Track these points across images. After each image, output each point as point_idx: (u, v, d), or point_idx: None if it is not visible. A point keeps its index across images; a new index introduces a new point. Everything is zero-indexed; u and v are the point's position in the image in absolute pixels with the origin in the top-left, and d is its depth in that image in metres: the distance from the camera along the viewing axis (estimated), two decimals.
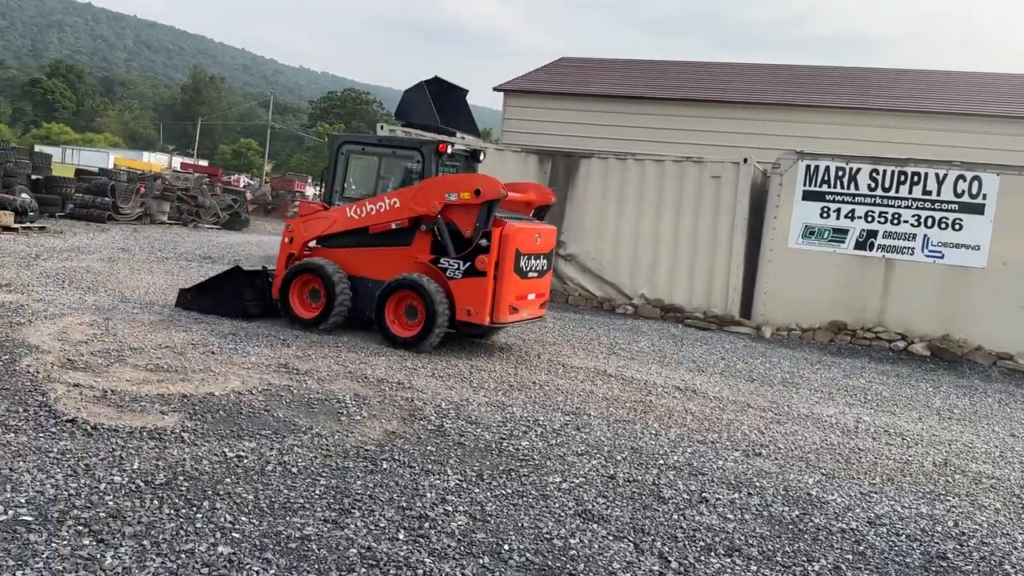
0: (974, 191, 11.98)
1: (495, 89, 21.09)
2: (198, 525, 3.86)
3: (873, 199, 12.51)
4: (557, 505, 4.69)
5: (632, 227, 14.19)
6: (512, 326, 9.63)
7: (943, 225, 12.13)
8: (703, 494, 5.15)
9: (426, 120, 13.76)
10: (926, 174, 12.27)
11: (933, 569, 4.41)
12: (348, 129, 77.55)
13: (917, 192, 12.29)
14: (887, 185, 12.41)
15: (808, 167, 12.99)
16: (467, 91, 14.91)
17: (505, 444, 5.73)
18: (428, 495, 4.61)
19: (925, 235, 12.23)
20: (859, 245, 12.62)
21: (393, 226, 8.80)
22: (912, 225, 12.31)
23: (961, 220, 12.04)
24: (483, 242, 8.43)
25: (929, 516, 5.25)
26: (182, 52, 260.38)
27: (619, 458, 5.71)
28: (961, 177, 12.08)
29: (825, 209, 12.85)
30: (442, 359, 8.47)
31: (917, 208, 12.31)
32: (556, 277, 14.66)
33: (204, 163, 64.35)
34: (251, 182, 54.07)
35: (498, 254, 8.42)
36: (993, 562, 4.59)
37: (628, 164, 14.29)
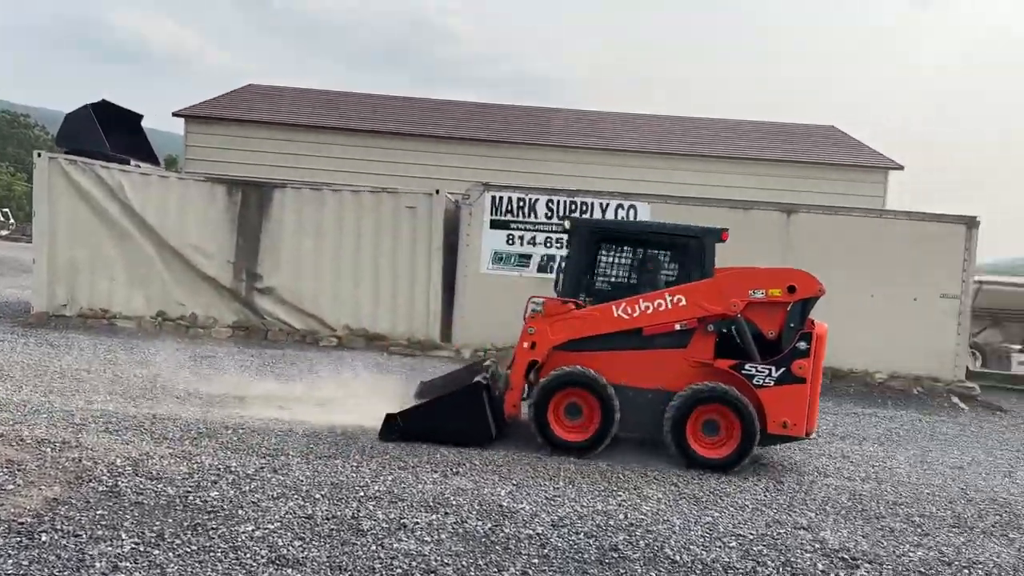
0: (631, 218, 13.63)
1: (175, 114, 19.76)
2: None
3: (550, 226, 13.71)
4: (248, 555, 4.46)
5: (332, 258, 14.06)
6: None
7: None
8: (402, 520, 5.22)
9: (94, 146, 12.52)
10: (592, 203, 13.73)
11: (606, 561, 4.88)
12: (2, 156, 67.78)
13: None
14: (561, 214, 13.68)
15: (494, 198, 13.87)
16: (141, 116, 13.82)
17: (191, 497, 5.33)
18: (97, 565, 4.13)
19: None
20: (541, 268, 13.72)
21: (677, 327, 7.50)
22: None
23: None
24: (801, 344, 7.36)
25: (603, 512, 5.81)
26: None
27: (318, 496, 5.59)
28: (620, 206, 13.70)
29: (511, 236, 13.80)
30: (119, 408, 7.67)
31: None
32: (253, 312, 14.05)
33: None
34: None
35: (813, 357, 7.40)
36: (656, 547, 5.19)
37: (324, 195, 14.16)
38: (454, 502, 5.69)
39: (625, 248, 8.57)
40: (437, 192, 13.95)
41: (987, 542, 5.86)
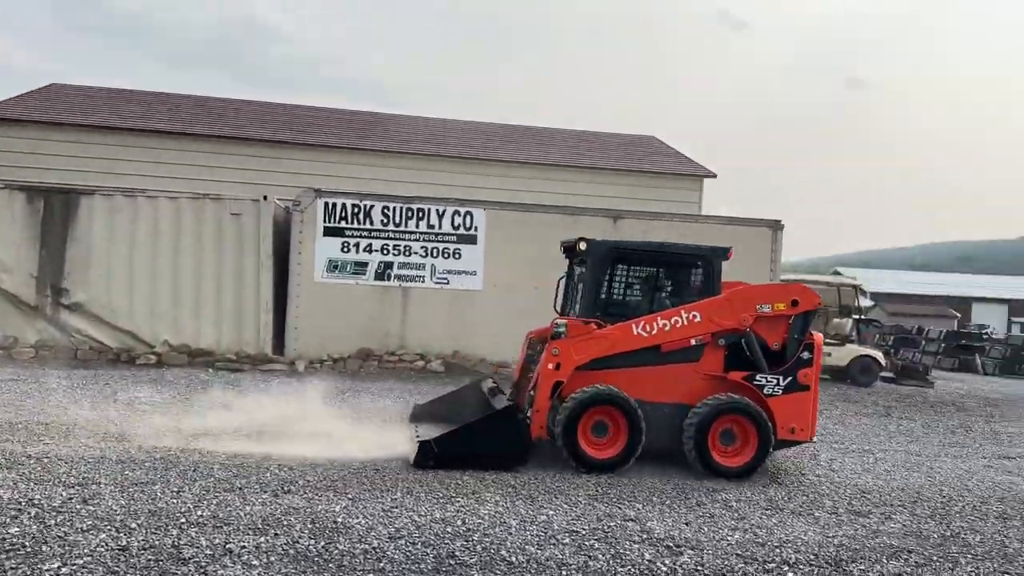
0: (468, 224, 13.76)
1: None
2: None
3: (387, 233, 13.57)
4: None
5: (148, 269, 13.17)
6: None
7: (446, 255, 13.70)
8: (227, 545, 4.94)
9: None
10: (429, 210, 13.73)
11: (444, 569, 4.85)
12: None
13: (423, 226, 13.67)
14: (397, 220, 13.58)
15: (327, 204, 13.54)
16: None
17: None
18: None
19: (432, 264, 13.66)
20: (378, 276, 13.56)
21: (692, 342, 7.76)
22: (421, 256, 13.65)
23: (460, 250, 13.73)
24: (805, 355, 7.86)
25: (441, 520, 5.78)
26: None
27: (134, 526, 5.18)
28: (456, 212, 13.79)
29: (346, 244, 13.52)
30: None
31: (424, 240, 13.68)
32: (59, 330, 12.92)
33: None
34: None
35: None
36: (492, 550, 5.23)
37: (138, 202, 13.25)
38: (285, 522, 5.47)
39: (637, 268, 8.64)
40: (265, 198, 13.42)
41: (795, 521, 6.36)
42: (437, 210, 13.78)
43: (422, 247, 13.68)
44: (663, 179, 20.29)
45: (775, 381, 7.81)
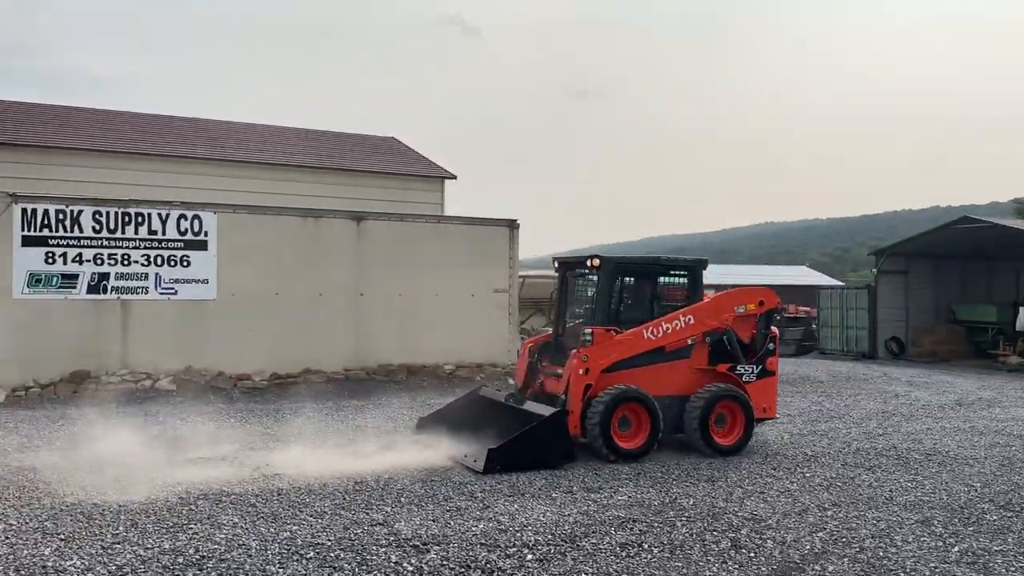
0: (196, 229, 12.83)
1: None
2: None
3: (100, 241, 12.25)
4: None
5: None
6: None
7: (172, 262, 12.66)
8: None
9: None
10: (149, 214, 12.60)
11: None
12: None
13: (143, 232, 12.53)
14: (112, 226, 12.31)
15: (25, 210, 11.95)
16: None
17: None
18: None
19: (157, 273, 12.57)
20: (92, 289, 12.21)
21: (689, 341, 9.07)
22: (143, 264, 12.51)
23: (188, 257, 12.77)
24: (771, 346, 9.49)
25: (172, 550, 5.32)
26: None
27: None
28: (183, 216, 12.80)
29: (51, 254, 12.03)
30: None
31: (146, 248, 12.55)
32: None
33: None
34: None
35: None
36: (230, 574, 4.91)
37: None
38: None
39: (637, 279, 9.86)
40: None
41: (535, 504, 6.68)
42: (160, 214, 12.68)
43: (143, 255, 12.50)
44: (406, 180, 20.40)
45: (751, 370, 9.33)
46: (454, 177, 21.10)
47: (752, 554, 5.55)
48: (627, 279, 9.82)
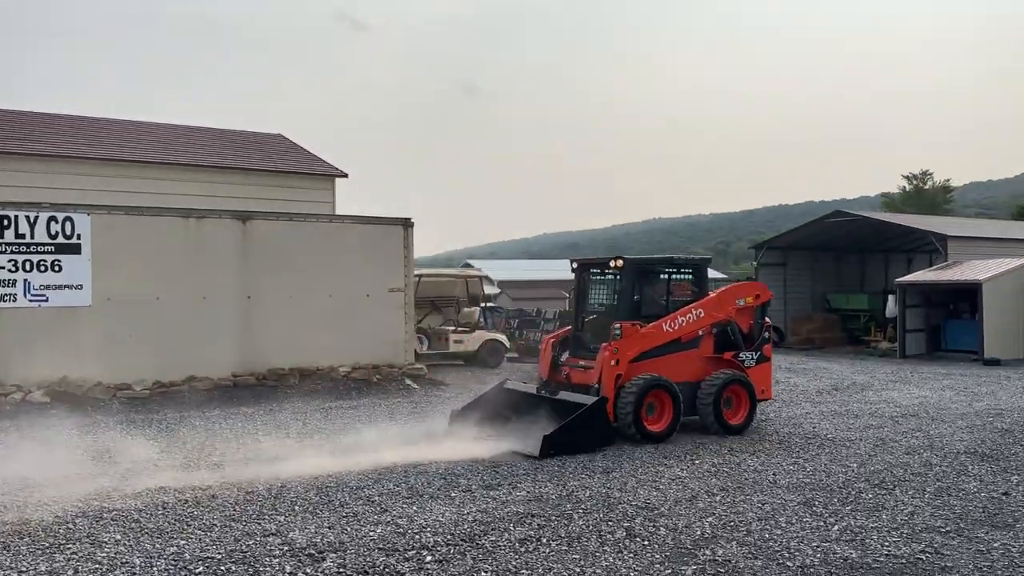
0: (68, 232, 12.08)
1: None
2: None
3: None
4: None
5: None
6: None
7: (43, 268, 11.87)
8: None
9: None
10: (16, 217, 11.76)
11: None
12: None
13: (10, 236, 11.70)
14: None
15: None
16: None
17: None
18: None
19: (26, 279, 11.77)
20: None
21: (700, 332, 10.08)
22: (11, 271, 11.68)
23: (60, 261, 12.01)
24: (766, 335, 10.65)
25: (49, 572, 5.01)
26: None
27: None
28: (53, 219, 12.01)
29: None
30: None
31: (13, 253, 11.72)
32: None
33: None
34: None
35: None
36: None
37: None
38: None
39: (653, 277, 10.58)
40: None
41: (434, 505, 6.65)
42: (28, 217, 11.85)
43: (10, 260, 11.64)
44: (295, 178, 19.82)
45: (751, 356, 10.43)
46: (345, 175, 20.69)
47: (646, 542, 5.72)
48: (645, 278, 10.63)
